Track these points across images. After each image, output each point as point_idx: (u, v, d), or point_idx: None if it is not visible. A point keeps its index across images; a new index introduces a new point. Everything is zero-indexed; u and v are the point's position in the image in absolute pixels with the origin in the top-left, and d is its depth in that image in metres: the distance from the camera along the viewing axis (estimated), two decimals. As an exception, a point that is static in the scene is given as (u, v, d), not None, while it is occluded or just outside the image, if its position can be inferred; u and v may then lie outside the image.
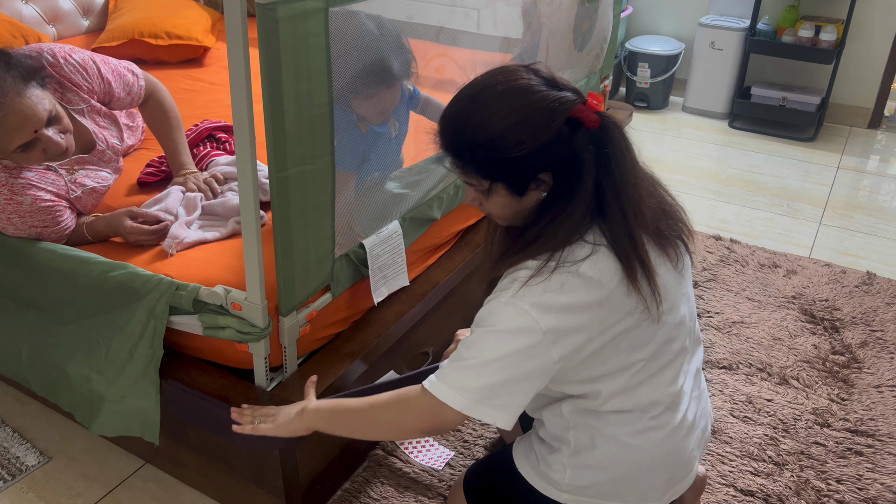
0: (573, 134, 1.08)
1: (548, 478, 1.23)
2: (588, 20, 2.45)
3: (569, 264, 1.08)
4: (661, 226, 1.18)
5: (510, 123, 1.06)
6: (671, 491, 1.26)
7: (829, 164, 3.61)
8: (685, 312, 1.24)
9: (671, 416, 1.22)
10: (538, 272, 1.08)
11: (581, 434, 1.21)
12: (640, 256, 1.11)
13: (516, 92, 1.08)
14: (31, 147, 1.58)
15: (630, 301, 1.11)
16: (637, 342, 1.15)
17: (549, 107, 1.07)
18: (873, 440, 1.88)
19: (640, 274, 1.10)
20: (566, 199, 1.10)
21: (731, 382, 2.07)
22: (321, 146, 1.34)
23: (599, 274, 1.09)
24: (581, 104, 1.08)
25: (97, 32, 3.27)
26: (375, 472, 1.76)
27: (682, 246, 1.23)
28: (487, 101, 1.09)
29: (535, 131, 1.06)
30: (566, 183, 1.10)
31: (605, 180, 1.09)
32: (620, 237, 1.10)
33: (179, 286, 1.45)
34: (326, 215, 1.42)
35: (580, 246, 1.10)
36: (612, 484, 1.21)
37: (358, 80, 1.44)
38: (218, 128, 2.15)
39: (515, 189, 1.12)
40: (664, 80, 4.18)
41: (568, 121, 1.07)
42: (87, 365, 1.53)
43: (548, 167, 1.09)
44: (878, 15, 3.79)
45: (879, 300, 2.45)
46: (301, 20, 1.19)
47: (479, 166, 1.11)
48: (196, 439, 1.63)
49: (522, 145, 1.06)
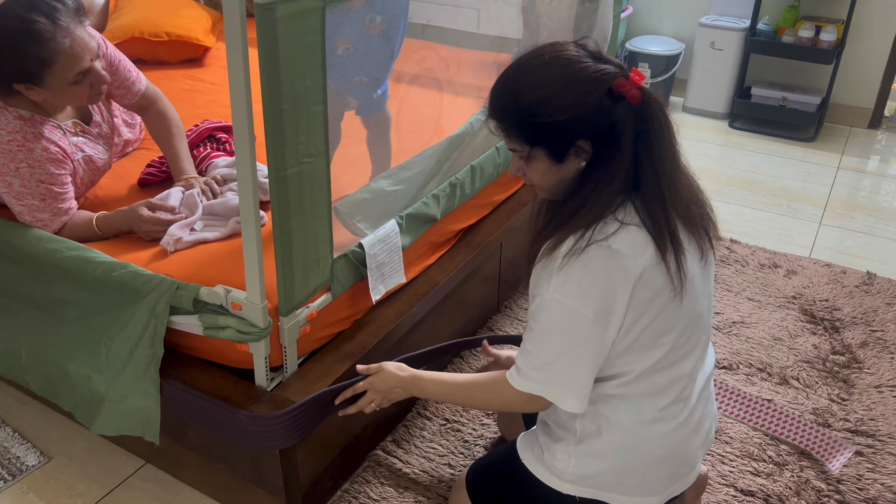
0: (614, 105, 1.12)
1: (551, 467, 1.24)
2: (588, 20, 2.45)
3: (598, 242, 1.12)
4: (693, 211, 1.21)
5: (552, 90, 1.11)
6: (672, 487, 1.27)
7: (829, 165, 3.61)
8: (705, 308, 1.25)
9: (679, 411, 1.23)
10: (571, 254, 1.12)
11: (588, 422, 1.23)
12: (670, 233, 1.14)
13: (561, 61, 1.13)
14: (83, 79, 1.66)
15: (659, 279, 1.14)
16: (663, 326, 1.17)
17: (591, 77, 1.11)
18: (873, 440, 1.88)
19: (669, 248, 1.13)
20: (605, 168, 1.14)
21: (731, 382, 2.07)
22: (317, 144, 1.35)
23: (629, 248, 1.12)
24: (623, 78, 1.13)
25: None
26: (375, 472, 1.76)
27: (707, 240, 1.25)
28: (533, 69, 1.15)
29: (575, 98, 1.11)
30: (605, 153, 1.13)
31: (644, 153, 1.14)
32: (654, 208, 1.13)
33: (180, 286, 1.45)
34: (324, 214, 1.43)
35: (611, 222, 1.14)
36: (614, 474, 1.22)
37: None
38: (218, 128, 2.15)
39: (555, 155, 1.16)
40: (664, 81, 4.18)
41: (610, 92, 1.11)
42: (87, 364, 1.53)
43: (587, 135, 1.13)
44: (878, 15, 3.78)
45: (880, 300, 2.45)
46: (299, 19, 1.20)
47: (521, 130, 1.16)
48: (196, 439, 1.63)
49: (563, 111, 1.11)
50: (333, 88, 1.61)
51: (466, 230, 2.09)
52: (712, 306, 1.31)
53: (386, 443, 1.83)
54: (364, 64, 1.67)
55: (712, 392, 1.37)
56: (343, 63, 1.57)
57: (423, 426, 1.88)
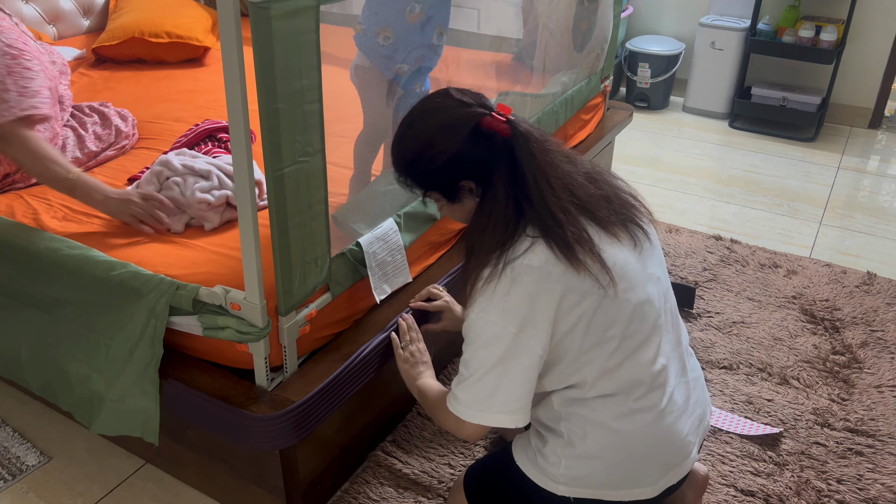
0: (484, 143, 1.22)
1: (545, 470, 1.26)
2: (588, 20, 2.45)
3: (512, 261, 1.19)
4: (601, 212, 1.26)
5: (423, 141, 1.24)
6: (666, 477, 1.27)
7: (829, 165, 3.61)
8: (652, 292, 1.27)
9: (657, 398, 1.24)
10: (490, 277, 1.19)
11: (573, 425, 1.24)
12: (575, 238, 1.19)
13: (426, 114, 1.26)
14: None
15: (584, 281, 1.18)
16: (604, 321, 1.20)
17: (454, 122, 1.22)
18: (874, 440, 1.88)
19: (582, 253, 1.18)
20: (491, 201, 1.23)
21: (731, 382, 2.07)
22: (314, 143, 1.35)
23: (542, 262, 1.18)
24: (488, 116, 1.22)
25: (97, 32, 3.28)
26: (375, 472, 1.76)
27: (637, 229, 1.30)
28: (409, 125, 1.29)
29: (445, 145, 1.22)
30: (487, 186, 1.24)
31: (518, 179, 1.22)
32: (545, 228, 1.20)
33: (179, 286, 1.45)
34: (321, 213, 1.43)
35: (522, 241, 1.20)
36: (606, 473, 1.24)
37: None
38: (218, 128, 2.15)
39: (448, 196, 1.29)
40: (664, 80, 4.18)
41: (477, 132, 1.22)
42: (87, 364, 1.53)
43: (466, 175, 1.24)
44: (878, 15, 3.78)
45: (880, 300, 2.45)
46: (293, 17, 1.20)
47: (413, 179, 1.30)
48: (196, 439, 1.63)
49: (437, 158, 1.23)
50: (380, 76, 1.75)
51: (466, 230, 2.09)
52: (667, 287, 1.34)
53: (386, 443, 1.83)
54: (401, 52, 1.73)
55: (700, 376, 1.39)
56: (384, 50, 1.67)
57: (423, 426, 1.88)
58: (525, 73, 2.33)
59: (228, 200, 1.78)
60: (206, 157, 1.90)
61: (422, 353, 1.55)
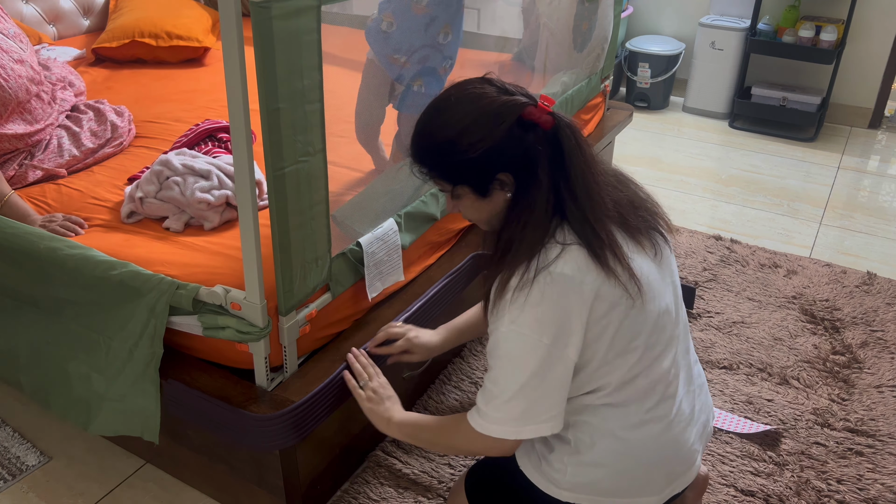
0: (525, 134, 1.14)
1: (549, 476, 1.24)
2: (588, 20, 2.45)
3: (545, 268, 1.13)
4: (630, 218, 1.22)
5: (463, 127, 1.14)
6: (672, 485, 1.27)
7: (829, 165, 3.61)
8: (670, 301, 1.25)
9: (667, 408, 1.23)
10: (521, 286, 1.13)
11: (580, 433, 1.22)
12: (608, 245, 1.15)
13: (467, 99, 1.16)
14: None
15: (613, 291, 1.14)
16: (630, 331, 1.17)
17: (498, 109, 1.14)
18: (874, 440, 1.88)
19: (613, 261, 1.14)
20: (527, 198, 1.16)
21: (731, 382, 2.06)
22: (315, 143, 1.35)
23: (575, 270, 1.13)
24: (532, 106, 1.15)
25: (97, 32, 3.28)
26: (375, 472, 1.76)
27: (659, 237, 1.26)
28: (443, 110, 1.18)
29: (486, 133, 1.13)
30: (525, 182, 1.16)
31: (560, 177, 1.15)
32: (583, 229, 1.15)
33: (179, 286, 1.45)
34: (321, 213, 1.43)
35: (552, 247, 1.15)
36: (611, 480, 1.22)
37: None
38: (218, 128, 2.15)
39: (479, 191, 1.19)
40: (664, 80, 4.18)
41: (520, 122, 1.14)
42: (86, 364, 1.53)
43: (505, 167, 1.15)
44: (878, 15, 3.78)
45: (880, 300, 2.45)
46: (294, 17, 1.20)
47: (441, 171, 1.20)
48: (196, 439, 1.63)
49: (476, 147, 1.13)
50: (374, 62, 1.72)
51: (466, 230, 2.09)
52: (679, 296, 1.31)
53: (386, 443, 1.83)
54: (402, 43, 1.71)
55: (704, 383, 1.37)
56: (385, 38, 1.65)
57: (422, 426, 1.88)
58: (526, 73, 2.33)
59: (228, 200, 1.78)
60: (206, 157, 1.90)
61: (385, 387, 1.45)
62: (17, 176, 1.97)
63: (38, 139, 2.07)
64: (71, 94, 2.31)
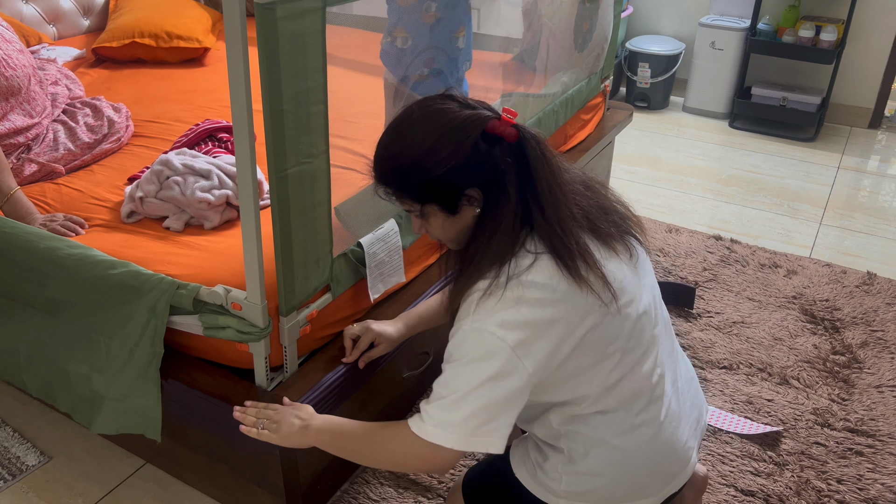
0: (491, 148, 1.13)
1: (545, 485, 1.24)
2: (588, 20, 2.45)
3: (516, 276, 1.12)
4: (601, 224, 1.21)
5: (428, 145, 1.12)
6: (669, 485, 1.27)
7: (829, 165, 3.61)
8: (648, 302, 1.25)
9: (656, 411, 1.23)
10: (490, 290, 1.11)
11: (572, 442, 1.21)
12: (577, 254, 1.14)
13: (430, 116, 1.14)
14: None
15: (587, 299, 1.13)
16: (606, 338, 1.16)
17: (462, 124, 1.12)
18: (874, 440, 1.88)
19: (585, 269, 1.13)
20: (496, 211, 1.14)
21: (731, 382, 2.07)
22: (318, 145, 1.35)
23: (547, 279, 1.12)
24: (495, 119, 1.14)
25: (97, 32, 3.28)
26: (375, 472, 1.76)
27: (632, 239, 1.26)
28: (406, 129, 1.16)
29: (452, 150, 1.11)
30: (494, 196, 1.15)
31: (527, 188, 1.14)
32: (552, 240, 1.13)
33: (180, 285, 1.45)
34: (324, 214, 1.43)
35: (523, 256, 1.14)
36: (608, 488, 1.22)
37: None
38: (219, 128, 2.15)
39: (448, 208, 1.17)
40: (664, 80, 4.18)
41: (485, 136, 1.13)
42: (86, 364, 1.53)
43: (473, 183, 1.14)
44: (878, 15, 3.79)
45: (880, 300, 2.45)
46: (299, 19, 1.20)
47: (408, 191, 1.17)
48: (196, 439, 1.63)
49: (442, 164, 1.12)
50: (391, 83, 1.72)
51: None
52: (658, 296, 1.30)
53: (386, 443, 1.83)
54: (422, 55, 1.71)
55: (693, 377, 1.36)
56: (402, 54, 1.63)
57: (423, 426, 1.89)
58: (527, 73, 2.33)
59: (228, 200, 1.78)
60: (207, 157, 1.90)
61: (278, 410, 1.31)
62: (14, 170, 1.98)
63: (37, 133, 2.07)
64: (66, 91, 2.32)
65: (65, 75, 2.47)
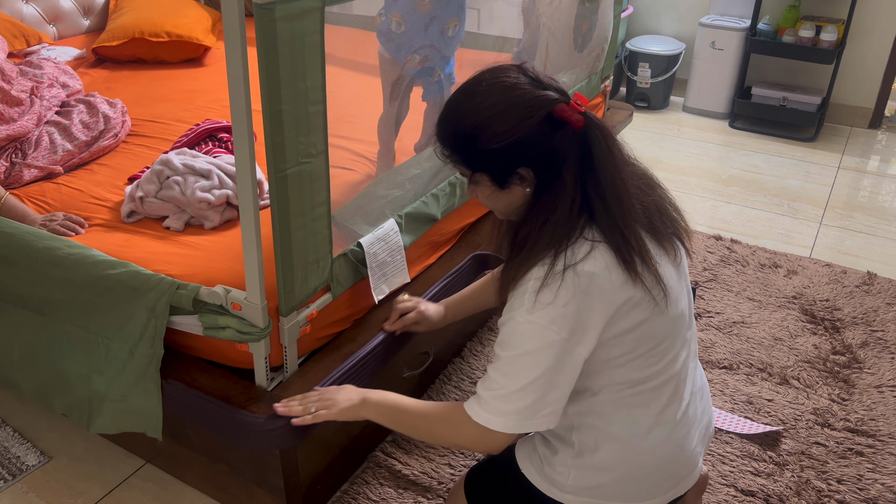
0: (554, 132, 1.10)
1: (551, 479, 1.24)
2: (588, 20, 2.45)
3: (573, 266, 1.10)
4: (656, 222, 1.20)
5: (490, 116, 1.10)
6: (674, 489, 1.27)
7: (829, 164, 3.61)
8: (685, 306, 1.25)
9: (673, 412, 1.22)
10: (546, 280, 1.10)
11: (584, 435, 1.21)
12: (637, 250, 1.12)
13: (499, 87, 1.12)
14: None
15: (637, 293, 1.12)
16: (647, 335, 1.16)
17: (529, 103, 1.10)
18: (874, 440, 1.88)
19: (641, 266, 1.12)
20: (550, 197, 1.12)
21: (731, 382, 2.07)
22: (317, 144, 1.35)
23: (603, 268, 1.10)
24: (564, 103, 1.11)
25: (98, 32, 3.28)
26: (375, 472, 1.76)
27: (677, 242, 1.25)
28: (472, 94, 1.14)
29: (513, 125, 1.10)
30: (547, 180, 1.13)
31: (589, 179, 1.12)
32: (612, 233, 1.12)
33: (180, 286, 1.45)
34: (323, 214, 1.43)
35: (580, 244, 1.12)
36: (615, 485, 1.21)
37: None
38: (219, 128, 2.15)
39: (497, 181, 1.15)
40: (664, 80, 4.18)
41: (550, 119, 1.10)
42: (86, 365, 1.53)
43: (527, 163, 1.12)
44: (878, 15, 3.79)
45: (880, 300, 2.45)
46: (298, 19, 1.20)
47: (462, 156, 1.17)
48: (196, 439, 1.63)
49: (500, 138, 1.10)
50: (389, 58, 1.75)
51: (466, 230, 2.09)
52: (692, 300, 1.30)
53: (385, 444, 1.83)
54: (414, 42, 1.74)
55: (705, 385, 1.37)
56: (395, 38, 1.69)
57: (423, 426, 1.88)
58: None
59: (228, 200, 1.78)
60: (207, 157, 1.90)
61: (325, 390, 1.36)
62: (13, 176, 1.97)
63: (21, 134, 2.06)
64: (62, 92, 2.31)
65: (63, 71, 2.46)
